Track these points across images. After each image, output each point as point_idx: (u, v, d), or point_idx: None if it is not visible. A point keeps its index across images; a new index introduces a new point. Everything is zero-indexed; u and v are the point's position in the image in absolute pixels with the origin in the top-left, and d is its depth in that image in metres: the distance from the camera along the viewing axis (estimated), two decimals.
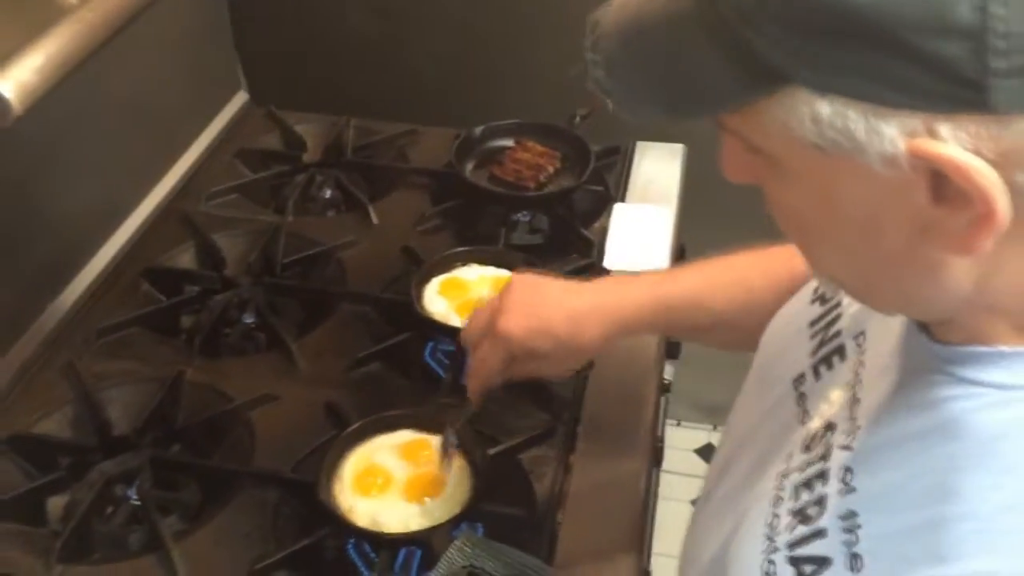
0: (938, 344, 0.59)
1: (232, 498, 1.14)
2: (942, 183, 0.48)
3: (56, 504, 1.18)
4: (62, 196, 1.41)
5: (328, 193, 1.68)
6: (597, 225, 1.54)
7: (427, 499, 1.07)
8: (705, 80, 0.51)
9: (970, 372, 0.56)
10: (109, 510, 1.16)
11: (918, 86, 0.46)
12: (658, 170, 1.68)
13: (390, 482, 1.09)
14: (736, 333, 0.94)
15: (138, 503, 1.16)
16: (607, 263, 1.44)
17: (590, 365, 1.22)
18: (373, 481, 1.09)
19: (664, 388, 1.45)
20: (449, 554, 0.99)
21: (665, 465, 1.42)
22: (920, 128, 0.47)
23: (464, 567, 0.98)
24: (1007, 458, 0.53)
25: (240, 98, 1.88)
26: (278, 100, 1.86)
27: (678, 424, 2.44)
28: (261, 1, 1.91)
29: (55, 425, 1.24)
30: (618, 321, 0.98)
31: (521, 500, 1.13)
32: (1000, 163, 0.47)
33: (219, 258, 1.48)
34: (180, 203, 1.62)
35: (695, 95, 0.53)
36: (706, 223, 1.62)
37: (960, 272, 0.53)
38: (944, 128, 0.47)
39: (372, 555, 1.08)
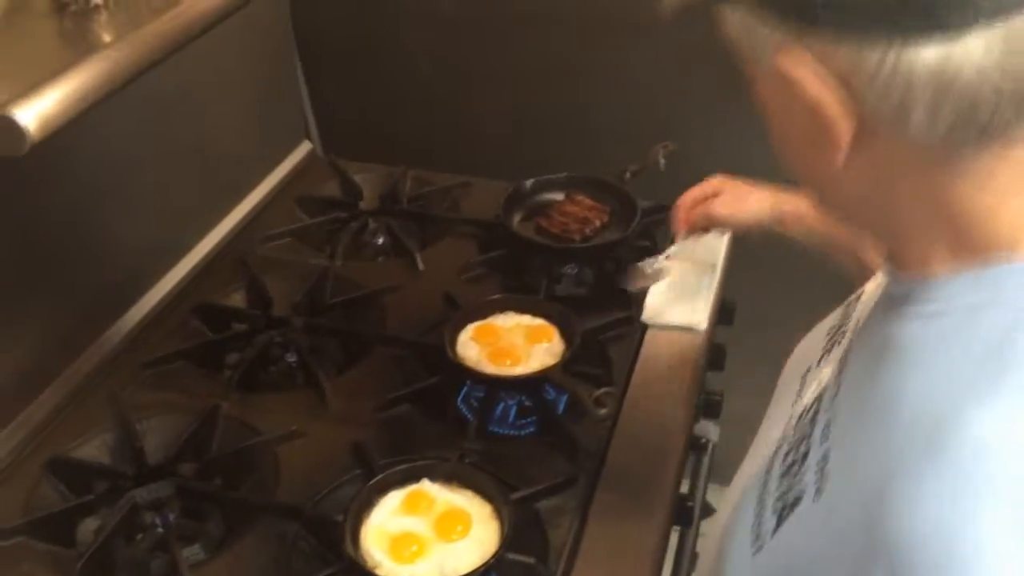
0: (892, 283, 0.63)
1: (252, 530, 1.16)
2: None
3: (87, 528, 1.22)
4: (125, 230, 1.48)
5: (380, 240, 1.72)
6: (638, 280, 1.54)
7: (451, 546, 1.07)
8: None
9: (909, 304, 0.60)
10: (138, 537, 1.19)
11: (776, 4, 0.53)
12: None
13: (422, 544, 1.08)
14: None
15: (163, 531, 1.19)
16: (644, 317, 1.44)
17: (609, 416, 1.22)
18: (408, 548, 1.08)
19: (702, 447, 1.43)
20: None
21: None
22: (783, 43, 0.54)
23: None
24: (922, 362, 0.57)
25: (305, 147, 1.94)
26: (342, 149, 1.93)
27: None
28: (332, 52, 1.99)
29: (94, 451, 1.29)
30: (780, 200, 1.24)
31: (535, 549, 1.12)
32: (839, 81, 0.52)
33: (267, 298, 1.53)
34: (236, 244, 1.68)
35: None
36: (754, 283, 1.60)
37: (855, 185, 0.58)
38: (797, 44, 0.53)
39: None
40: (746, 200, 1.31)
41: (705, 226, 1.35)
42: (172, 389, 1.38)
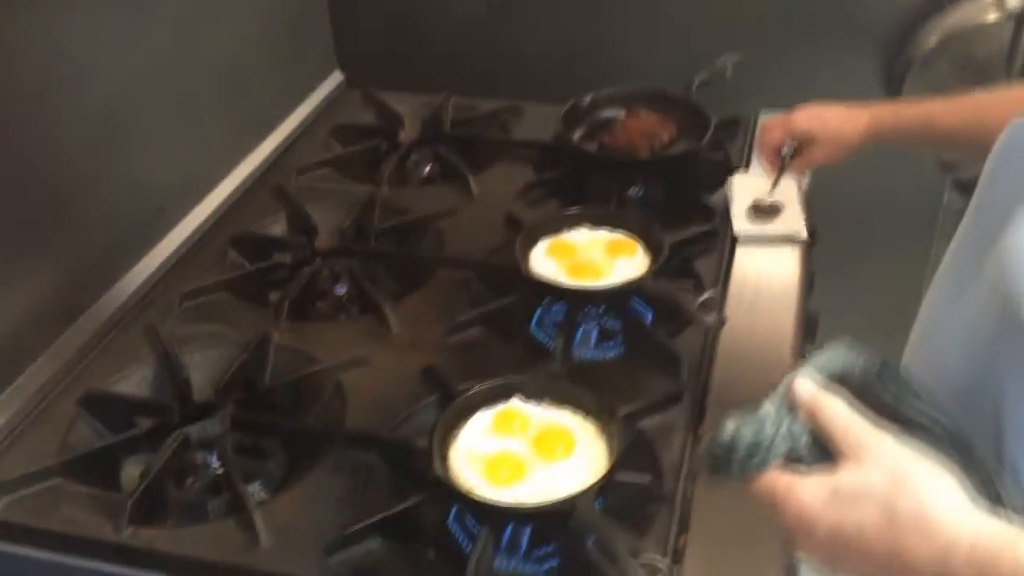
0: None
1: (320, 464, 1.02)
2: None
3: (131, 471, 1.08)
4: (151, 160, 1.34)
5: (426, 169, 1.58)
6: (719, 195, 1.40)
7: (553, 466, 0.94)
8: None
9: None
10: (189, 480, 1.06)
11: None
12: None
13: (521, 466, 0.95)
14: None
15: (219, 470, 1.05)
16: (738, 230, 1.31)
17: (722, 321, 1.08)
18: (505, 470, 0.95)
19: None
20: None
21: None
22: None
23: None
24: None
25: (336, 78, 1.80)
26: (373, 81, 1.78)
27: None
28: None
29: (133, 386, 1.15)
30: (875, 123, 1.25)
31: (647, 469, 0.98)
32: None
33: (311, 226, 1.39)
34: (270, 176, 1.54)
35: None
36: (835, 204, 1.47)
37: None
38: None
39: (474, 528, 0.94)
40: (842, 136, 1.28)
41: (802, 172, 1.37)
42: (215, 321, 1.24)
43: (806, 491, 0.67)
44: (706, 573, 0.89)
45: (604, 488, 0.91)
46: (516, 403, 1.01)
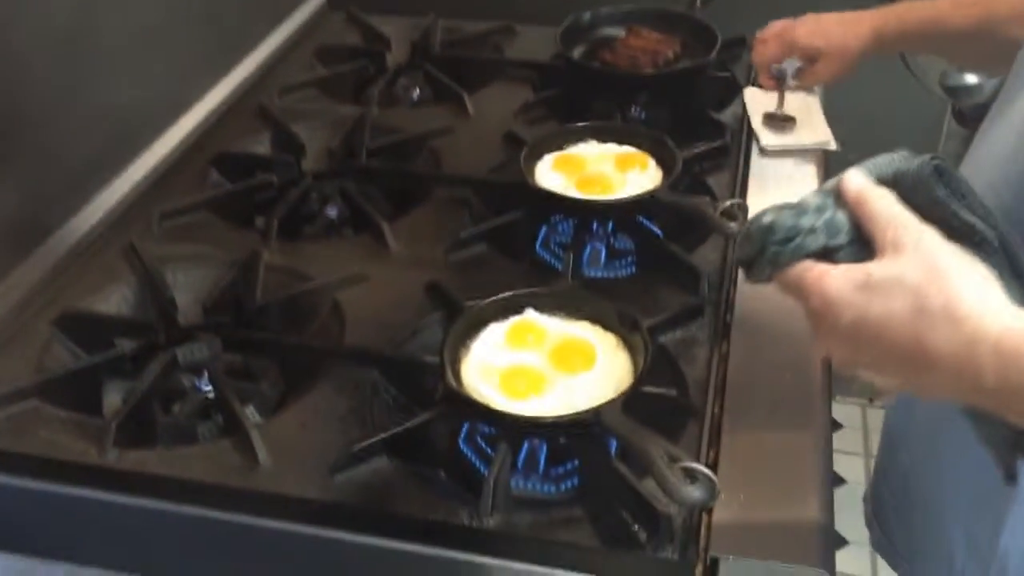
0: None
1: (320, 382, 0.95)
2: None
3: (113, 398, 1.00)
4: (122, 79, 1.24)
5: (416, 92, 1.50)
6: (728, 111, 1.34)
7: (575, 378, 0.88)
8: None
9: None
10: (176, 406, 0.98)
11: None
12: None
13: (540, 379, 0.89)
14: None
15: (209, 394, 0.98)
16: (764, 143, 1.25)
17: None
18: (522, 382, 0.88)
19: None
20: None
21: None
22: None
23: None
24: None
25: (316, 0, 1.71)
26: (355, 2, 1.69)
27: None
28: None
29: (112, 307, 1.07)
30: (879, 28, 1.20)
31: (670, 382, 0.92)
32: None
33: (297, 146, 1.31)
34: (252, 96, 1.45)
35: None
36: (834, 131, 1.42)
37: None
38: None
39: (487, 448, 0.88)
40: (847, 46, 1.24)
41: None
42: (198, 241, 1.16)
43: (836, 278, 0.64)
44: (738, 490, 0.83)
45: (629, 401, 0.84)
46: (531, 315, 0.94)
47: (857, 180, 0.68)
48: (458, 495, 0.85)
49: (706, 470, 0.71)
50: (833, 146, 1.25)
